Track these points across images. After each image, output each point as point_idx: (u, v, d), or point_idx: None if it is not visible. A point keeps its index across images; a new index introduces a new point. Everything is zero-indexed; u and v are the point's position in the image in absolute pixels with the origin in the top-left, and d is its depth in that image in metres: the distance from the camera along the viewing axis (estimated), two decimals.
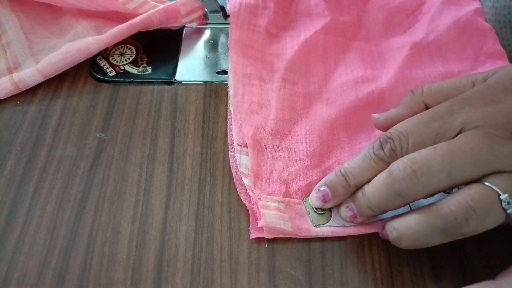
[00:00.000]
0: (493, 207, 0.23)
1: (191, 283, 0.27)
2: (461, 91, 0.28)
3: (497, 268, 0.27)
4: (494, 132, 0.25)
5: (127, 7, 0.41)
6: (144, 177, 0.32)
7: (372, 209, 0.27)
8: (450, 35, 0.38)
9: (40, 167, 0.33)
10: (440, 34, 0.38)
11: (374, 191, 0.27)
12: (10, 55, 0.39)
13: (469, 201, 0.23)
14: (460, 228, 0.24)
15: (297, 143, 0.33)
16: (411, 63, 0.37)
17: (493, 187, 0.23)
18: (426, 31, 0.39)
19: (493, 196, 0.23)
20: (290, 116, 0.35)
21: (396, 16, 0.41)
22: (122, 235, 0.29)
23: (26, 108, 0.37)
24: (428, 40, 0.38)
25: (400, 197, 0.25)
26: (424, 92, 0.30)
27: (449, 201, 0.24)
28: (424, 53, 0.38)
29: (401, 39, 0.39)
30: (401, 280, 0.27)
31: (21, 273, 0.28)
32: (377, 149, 0.28)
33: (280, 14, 0.41)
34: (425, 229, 0.25)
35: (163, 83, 0.39)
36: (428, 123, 0.27)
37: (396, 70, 0.37)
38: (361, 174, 0.28)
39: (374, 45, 0.40)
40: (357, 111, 0.35)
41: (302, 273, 0.28)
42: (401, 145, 0.27)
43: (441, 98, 0.29)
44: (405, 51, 0.38)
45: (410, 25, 0.40)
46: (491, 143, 0.24)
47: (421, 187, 0.25)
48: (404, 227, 0.26)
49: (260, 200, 0.30)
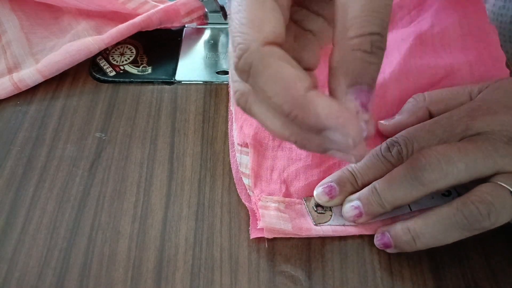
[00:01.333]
0: (507, 201, 0.25)
1: (191, 283, 0.27)
2: (458, 100, 0.31)
3: (497, 268, 0.28)
4: (493, 137, 0.27)
5: (127, 7, 0.41)
6: (144, 177, 0.32)
7: (383, 205, 0.28)
8: (455, 31, 0.38)
9: (40, 167, 0.33)
10: (444, 27, 0.38)
11: (390, 185, 0.27)
12: (10, 55, 0.39)
13: (488, 197, 0.25)
14: (482, 222, 0.25)
15: None
16: (415, 53, 0.37)
17: (504, 185, 0.25)
18: (431, 24, 0.38)
19: (506, 192, 0.25)
20: None
21: (398, 12, 0.41)
22: (122, 235, 0.29)
23: (26, 108, 0.37)
24: (433, 32, 0.38)
25: (421, 185, 0.26)
26: (426, 99, 0.32)
27: (470, 198, 0.26)
28: (428, 45, 0.37)
29: (405, 31, 0.39)
30: (401, 280, 0.27)
31: (21, 273, 0.28)
32: (385, 151, 0.29)
33: None
34: (446, 225, 0.26)
35: (163, 83, 0.39)
36: (431, 130, 0.29)
37: (400, 61, 0.36)
38: (368, 173, 0.29)
39: None
40: None
41: (302, 273, 0.28)
42: (407, 149, 0.29)
43: (442, 105, 0.31)
44: (408, 41, 0.38)
45: (413, 20, 0.40)
46: (494, 144, 0.27)
47: (443, 175, 0.26)
48: (421, 226, 0.26)
49: (259, 201, 0.30)
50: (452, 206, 0.26)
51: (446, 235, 0.26)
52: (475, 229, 0.25)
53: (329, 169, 0.32)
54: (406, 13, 0.41)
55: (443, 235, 0.26)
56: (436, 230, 0.26)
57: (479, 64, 0.36)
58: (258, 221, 0.29)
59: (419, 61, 0.36)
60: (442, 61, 0.36)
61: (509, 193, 0.25)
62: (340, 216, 0.29)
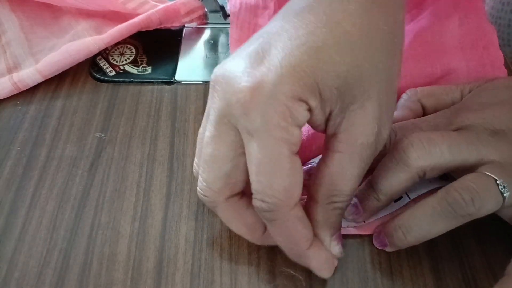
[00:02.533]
0: (492, 189, 0.25)
1: (191, 283, 0.27)
2: (449, 95, 0.32)
3: (497, 268, 0.28)
4: (476, 129, 0.28)
5: (127, 7, 0.41)
6: (144, 177, 0.32)
7: (378, 197, 0.28)
8: (454, 30, 0.38)
9: (40, 167, 0.33)
10: (443, 26, 0.38)
11: (379, 173, 0.28)
12: (10, 55, 0.39)
13: (471, 184, 0.25)
14: (466, 208, 0.25)
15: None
16: (413, 52, 0.37)
17: (488, 174, 0.26)
18: (430, 22, 0.38)
19: (491, 181, 0.25)
20: None
21: None
22: (122, 235, 0.29)
23: (26, 108, 0.37)
24: (432, 31, 0.38)
25: (406, 166, 0.27)
26: (419, 93, 0.33)
27: (453, 186, 0.26)
28: (426, 44, 0.37)
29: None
30: (401, 280, 0.27)
31: (21, 273, 0.28)
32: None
33: None
34: (431, 215, 0.26)
35: (163, 83, 0.39)
36: (416, 123, 0.30)
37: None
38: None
39: None
40: None
41: (302, 273, 0.28)
42: (390, 138, 0.29)
43: (433, 100, 0.32)
44: (407, 40, 0.37)
45: (413, 18, 0.40)
46: (476, 135, 0.27)
47: (426, 153, 0.26)
48: (408, 219, 0.27)
49: None
50: (437, 196, 0.26)
51: (433, 225, 0.26)
52: (461, 216, 0.25)
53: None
54: (407, 12, 0.41)
55: (430, 226, 0.26)
56: (423, 221, 0.26)
57: (477, 64, 0.36)
58: None
59: (416, 60, 0.36)
60: (440, 60, 0.36)
61: (494, 181, 0.25)
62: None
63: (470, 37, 0.37)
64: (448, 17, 0.38)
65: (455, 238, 0.29)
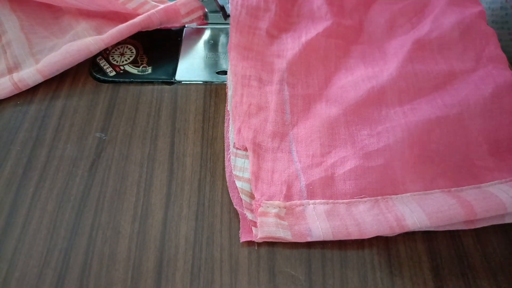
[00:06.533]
0: None
1: (191, 283, 0.27)
2: None
3: (497, 268, 0.28)
4: None
5: (127, 7, 0.41)
6: (144, 177, 0.32)
7: None
8: (453, 35, 0.38)
9: (40, 167, 0.33)
10: (443, 32, 0.38)
11: None
12: (10, 55, 0.39)
13: None
14: None
15: (297, 144, 0.33)
16: (412, 58, 0.37)
17: None
18: (429, 29, 0.38)
19: None
20: (289, 119, 0.35)
21: (398, 19, 0.41)
22: (122, 235, 0.29)
23: (26, 108, 0.37)
24: (431, 37, 0.38)
25: None
26: None
27: None
28: (426, 49, 0.38)
29: (403, 38, 0.39)
30: (401, 280, 0.27)
31: (21, 273, 0.28)
32: None
33: (282, 16, 0.41)
34: None
35: (163, 83, 0.39)
36: None
37: (398, 64, 0.36)
38: None
39: (376, 47, 0.40)
40: (358, 108, 0.35)
41: (302, 273, 0.28)
42: None
43: None
44: (407, 47, 0.38)
45: (413, 27, 0.40)
46: None
47: None
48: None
49: (260, 207, 0.30)
50: None
51: None
52: None
53: (330, 168, 0.32)
54: (407, 20, 0.41)
55: None
56: None
57: (479, 67, 0.36)
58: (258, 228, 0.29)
59: (417, 66, 0.37)
60: (441, 65, 0.36)
61: None
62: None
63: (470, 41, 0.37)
64: (447, 23, 0.38)
65: (455, 238, 0.29)
